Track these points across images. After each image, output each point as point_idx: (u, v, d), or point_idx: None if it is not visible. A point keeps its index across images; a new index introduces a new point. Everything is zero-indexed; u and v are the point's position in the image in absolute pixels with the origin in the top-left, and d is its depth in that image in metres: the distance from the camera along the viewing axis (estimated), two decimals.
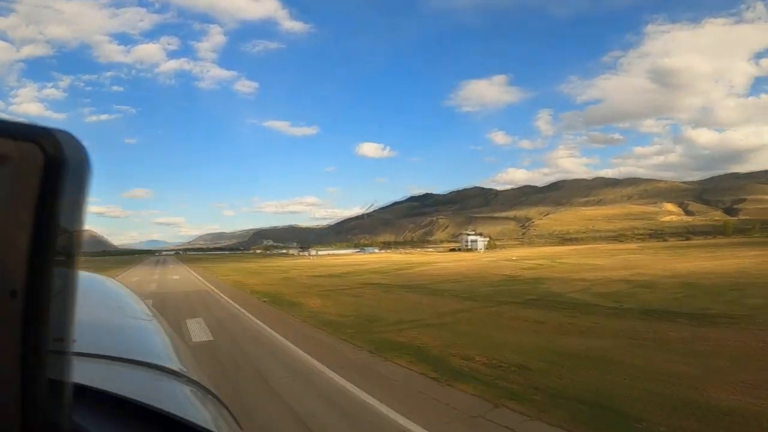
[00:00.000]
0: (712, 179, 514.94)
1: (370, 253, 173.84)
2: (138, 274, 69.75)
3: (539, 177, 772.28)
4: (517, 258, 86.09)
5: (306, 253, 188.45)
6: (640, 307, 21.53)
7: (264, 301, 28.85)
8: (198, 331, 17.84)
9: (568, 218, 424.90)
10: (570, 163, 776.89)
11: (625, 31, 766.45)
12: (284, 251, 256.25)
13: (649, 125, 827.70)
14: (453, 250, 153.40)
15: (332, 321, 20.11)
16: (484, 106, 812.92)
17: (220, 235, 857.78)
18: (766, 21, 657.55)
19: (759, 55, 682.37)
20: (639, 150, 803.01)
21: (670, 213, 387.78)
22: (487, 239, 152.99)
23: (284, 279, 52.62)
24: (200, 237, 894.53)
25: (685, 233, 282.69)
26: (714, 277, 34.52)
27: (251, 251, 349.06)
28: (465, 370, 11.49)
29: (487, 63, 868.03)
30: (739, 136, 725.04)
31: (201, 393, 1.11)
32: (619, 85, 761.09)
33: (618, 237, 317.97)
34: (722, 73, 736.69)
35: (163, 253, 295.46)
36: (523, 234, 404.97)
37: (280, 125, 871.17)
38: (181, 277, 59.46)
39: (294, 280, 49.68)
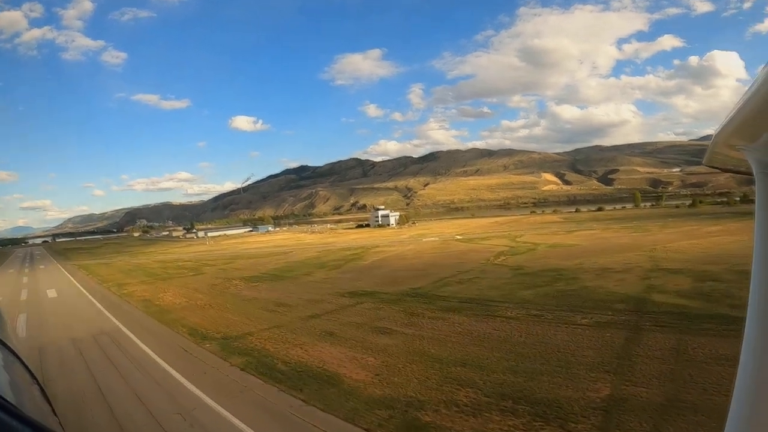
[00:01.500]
0: (578, 151, 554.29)
1: (266, 232, 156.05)
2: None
3: (411, 148, 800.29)
4: (462, 236, 76.95)
5: (194, 235, 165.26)
6: None
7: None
8: None
9: (451, 188, 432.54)
10: (441, 135, 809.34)
11: (498, 12, 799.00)
12: (166, 233, 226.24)
13: (516, 101, 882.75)
14: (361, 225, 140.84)
15: None
16: (357, 79, 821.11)
17: (89, 217, 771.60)
18: (631, 10, 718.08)
19: (622, 41, 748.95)
20: (506, 123, 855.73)
21: (550, 182, 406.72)
22: (398, 214, 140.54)
23: (218, 288, 39.12)
24: (69, 220, 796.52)
25: (570, 202, 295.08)
26: None
27: (126, 234, 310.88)
28: None
29: (363, 37, 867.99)
30: (600, 113, 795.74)
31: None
32: (490, 62, 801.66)
33: (504, 206, 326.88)
34: (587, 56, 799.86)
35: (31, 242, 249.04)
36: (408, 204, 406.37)
37: (150, 99, 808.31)
38: (60, 292, 43.02)
39: (243, 296, 37.04)
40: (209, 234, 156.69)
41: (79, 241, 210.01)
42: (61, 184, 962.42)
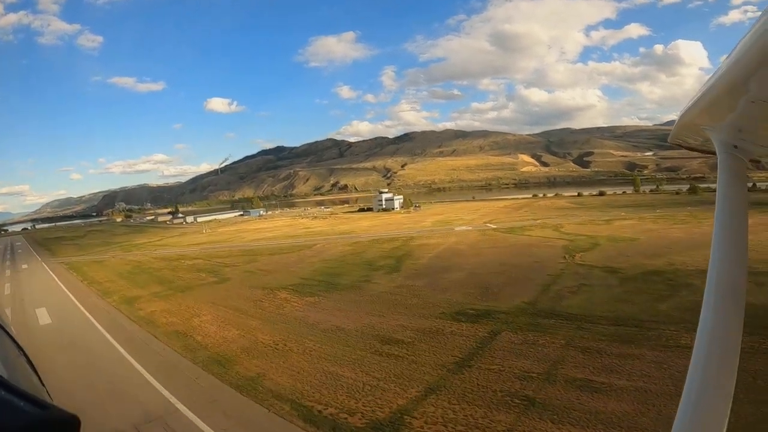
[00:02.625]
0: (549, 132, 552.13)
1: (259, 216, 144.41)
2: None
3: (383, 129, 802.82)
4: (495, 225, 70.80)
5: (182, 221, 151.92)
6: None
7: None
8: None
9: (430, 168, 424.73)
10: (412, 116, 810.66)
11: None
12: (150, 217, 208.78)
13: (486, 83, 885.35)
14: (363, 209, 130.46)
15: None
16: (331, 61, 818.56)
17: (67, 201, 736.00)
18: None
19: (590, 28, 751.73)
20: (476, 105, 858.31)
21: (527, 164, 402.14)
22: (402, 197, 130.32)
23: (269, 308, 29.55)
24: (47, 204, 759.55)
25: (550, 184, 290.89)
26: None
27: (107, 218, 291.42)
28: None
29: (337, 20, 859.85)
30: (567, 97, 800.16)
31: None
32: (462, 46, 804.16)
33: (485, 186, 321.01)
34: (556, 41, 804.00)
35: (10, 230, 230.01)
36: (389, 184, 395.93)
37: (126, 81, 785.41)
38: (54, 314, 31.94)
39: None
40: (199, 219, 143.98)
41: (60, 229, 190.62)
42: (38, 169, 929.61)
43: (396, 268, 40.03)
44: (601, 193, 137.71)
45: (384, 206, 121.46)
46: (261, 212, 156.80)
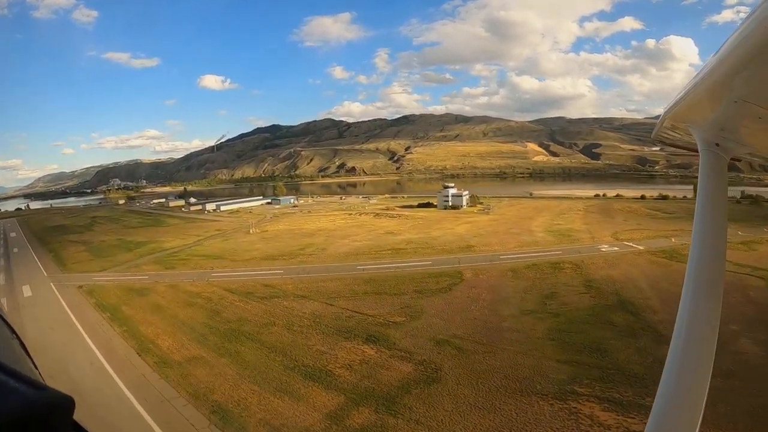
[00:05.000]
0: (543, 120, 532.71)
1: (293, 206, 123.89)
2: None
3: (375, 110, 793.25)
4: (643, 247, 52.85)
5: (200, 207, 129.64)
6: None
7: None
8: None
9: (439, 153, 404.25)
10: (403, 98, 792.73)
11: None
12: (158, 200, 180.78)
13: (479, 69, 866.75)
14: (423, 205, 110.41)
15: None
16: (326, 41, 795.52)
17: (60, 176, 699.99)
18: None
19: (584, 18, 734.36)
20: (467, 90, 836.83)
21: (538, 153, 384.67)
22: (467, 192, 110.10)
23: None
24: (40, 179, 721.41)
25: (565, 175, 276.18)
26: None
27: (103, 195, 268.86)
28: None
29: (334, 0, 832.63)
30: (557, 85, 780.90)
31: None
32: (456, 31, 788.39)
33: (500, 175, 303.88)
34: (550, 30, 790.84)
35: (3, 208, 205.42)
36: (398, 168, 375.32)
37: (121, 57, 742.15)
38: None
39: None
40: (222, 207, 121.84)
41: (58, 212, 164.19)
42: (32, 144, 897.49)
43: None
44: (663, 197, 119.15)
45: (451, 203, 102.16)
46: (292, 200, 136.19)
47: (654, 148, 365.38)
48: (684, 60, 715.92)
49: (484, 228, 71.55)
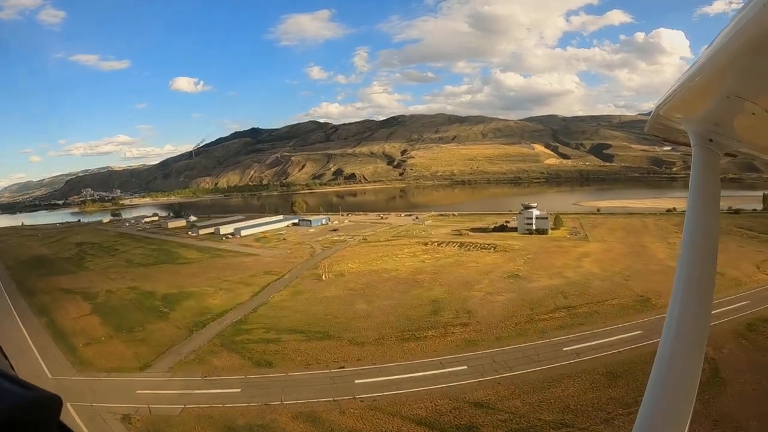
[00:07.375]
0: (537, 119, 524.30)
1: (322, 226, 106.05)
2: None
3: (353, 111, 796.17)
4: None
5: (211, 230, 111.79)
6: None
7: None
8: None
9: (443, 157, 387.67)
10: (383, 98, 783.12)
11: None
12: (151, 219, 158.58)
13: (461, 66, 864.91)
14: (498, 228, 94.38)
15: None
16: (303, 40, 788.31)
17: (27, 185, 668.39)
18: None
19: (571, 12, 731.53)
20: (450, 88, 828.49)
21: (548, 155, 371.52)
22: (547, 213, 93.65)
23: None
24: (6, 189, 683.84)
25: (582, 179, 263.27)
26: None
27: (78, 209, 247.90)
28: None
29: None
30: (543, 82, 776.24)
31: None
32: (438, 27, 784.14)
33: (514, 180, 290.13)
34: (536, 25, 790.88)
35: None
36: (401, 174, 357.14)
37: (89, 59, 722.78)
38: None
39: None
40: (243, 232, 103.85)
41: (33, 234, 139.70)
42: None
43: None
44: (737, 211, 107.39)
45: (535, 226, 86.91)
46: (324, 221, 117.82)
47: (666, 148, 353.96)
48: (674, 53, 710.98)
49: (617, 264, 58.74)
